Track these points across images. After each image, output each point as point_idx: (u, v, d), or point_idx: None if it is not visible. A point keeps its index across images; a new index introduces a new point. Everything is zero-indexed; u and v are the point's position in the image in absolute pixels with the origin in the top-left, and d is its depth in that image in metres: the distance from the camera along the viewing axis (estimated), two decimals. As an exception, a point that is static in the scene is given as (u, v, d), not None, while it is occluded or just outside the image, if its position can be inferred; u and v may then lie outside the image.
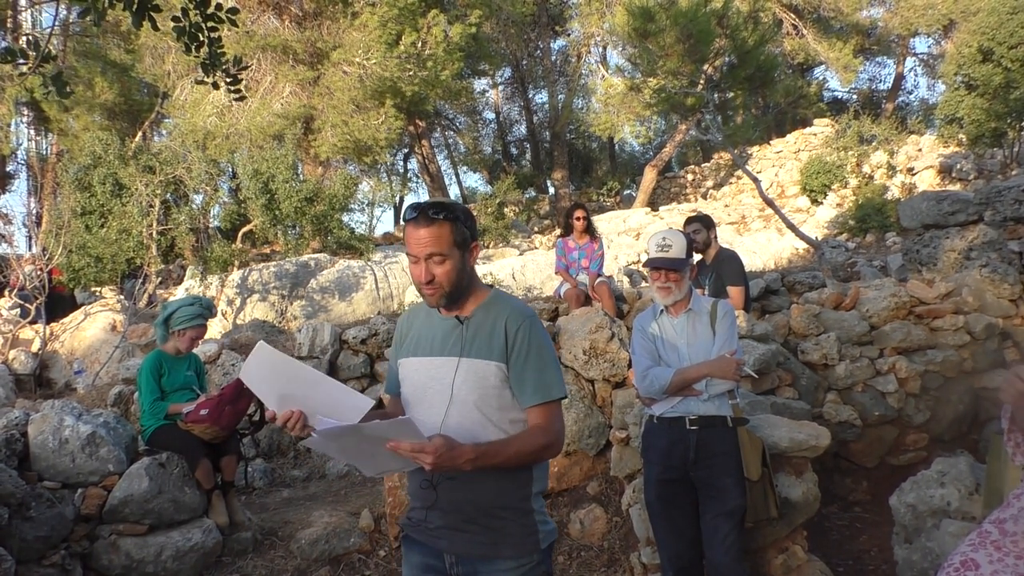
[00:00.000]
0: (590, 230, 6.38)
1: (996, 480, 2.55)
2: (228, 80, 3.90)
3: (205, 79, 3.90)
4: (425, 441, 1.74)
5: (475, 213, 11.82)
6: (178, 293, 11.49)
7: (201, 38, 3.62)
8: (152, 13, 3.36)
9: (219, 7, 3.66)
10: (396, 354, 2.14)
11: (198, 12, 3.54)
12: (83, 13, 3.31)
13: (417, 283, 1.96)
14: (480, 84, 24.27)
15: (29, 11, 18.10)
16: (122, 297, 11.30)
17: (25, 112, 18.61)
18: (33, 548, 3.77)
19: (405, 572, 2.09)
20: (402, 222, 2.57)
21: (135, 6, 3.27)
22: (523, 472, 1.97)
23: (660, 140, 23.35)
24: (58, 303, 10.66)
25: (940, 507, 3.28)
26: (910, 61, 25.50)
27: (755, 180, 11.94)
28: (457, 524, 1.95)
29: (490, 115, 27.76)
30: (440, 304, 1.98)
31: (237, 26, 4.02)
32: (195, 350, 4.72)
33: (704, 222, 5.16)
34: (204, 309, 4.44)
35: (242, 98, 4.34)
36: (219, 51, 3.72)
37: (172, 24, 3.59)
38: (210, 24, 3.63)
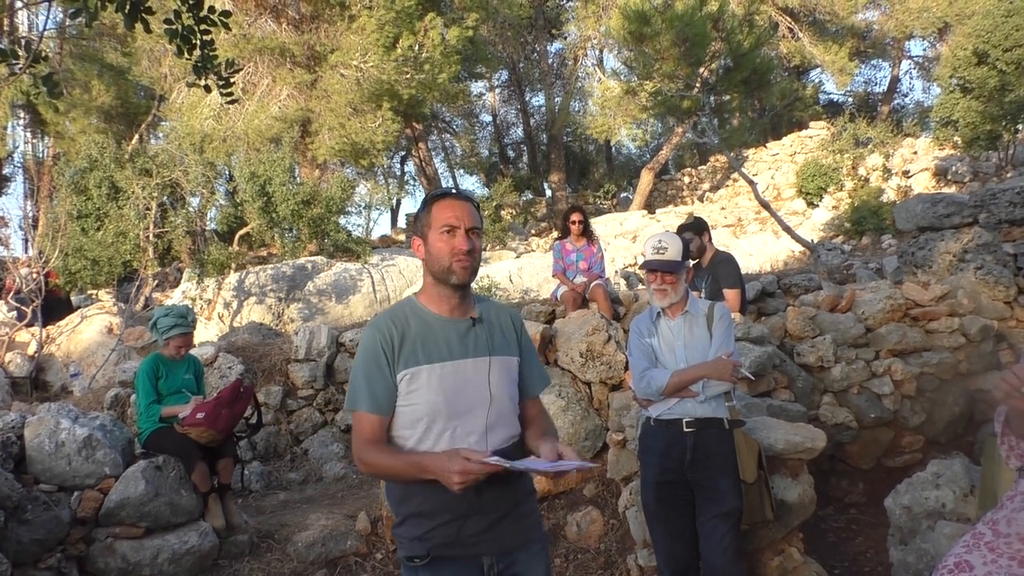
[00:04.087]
0: (587, 233, 6.37)
1: (991, 482, 2.55)
2: (220, 83, 3.89)
3: (197, 82, 3.89)
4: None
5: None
6: (175, 296, 11.48)
7: (194, 41, 3.61)
8: (145, 15, 3.35)
9: (212, 10, 3.66)
10: (392, 368, 1.91)
11: (191, 15, 3.53)
12: (74, 14, 3.30)
13: (453, 252, 1.91)
14: (477, 87, 24.39)
15: (25, 13, 18.07)
16: (118, 300, 11.28)
17: (21, 115, 18.58)
18: (29, 551, 3.75)
19: None
20: (414, 217, 2.55)
21: (127, 8, 3.26)
22: None
23: (656, 143, 23.39)
24: (54, 306, 10.63)
25: (935, 509, 3.29)
26: (905, 64, 25.62)
27: (751, 183, 11.98)
28: (495, 522, 1.95)
29: (487, 118, 27.88)
30: (467, 280, 1.95)
31: (230, 29, 4.01)
32: (193, 352, 4.71)
33: (695, 228, 5.11)
34: (178, 318, 4.42)
35: (234, 101, 4.33)
36: (211, 54, 3.72)
37: (165, 27, 3.58)
38: (203, 27, 3.62)
